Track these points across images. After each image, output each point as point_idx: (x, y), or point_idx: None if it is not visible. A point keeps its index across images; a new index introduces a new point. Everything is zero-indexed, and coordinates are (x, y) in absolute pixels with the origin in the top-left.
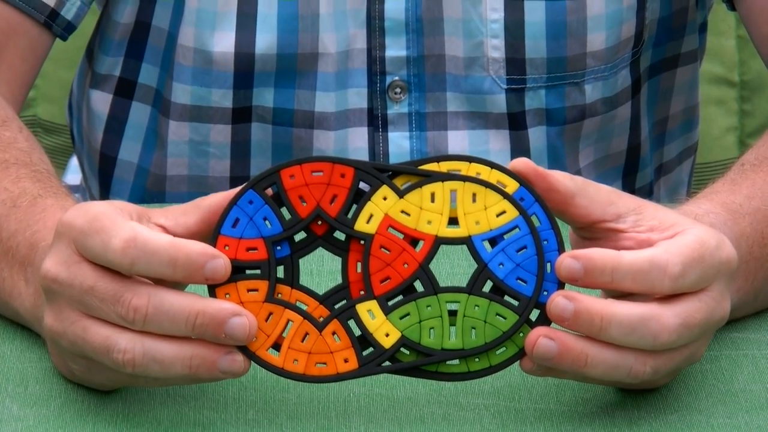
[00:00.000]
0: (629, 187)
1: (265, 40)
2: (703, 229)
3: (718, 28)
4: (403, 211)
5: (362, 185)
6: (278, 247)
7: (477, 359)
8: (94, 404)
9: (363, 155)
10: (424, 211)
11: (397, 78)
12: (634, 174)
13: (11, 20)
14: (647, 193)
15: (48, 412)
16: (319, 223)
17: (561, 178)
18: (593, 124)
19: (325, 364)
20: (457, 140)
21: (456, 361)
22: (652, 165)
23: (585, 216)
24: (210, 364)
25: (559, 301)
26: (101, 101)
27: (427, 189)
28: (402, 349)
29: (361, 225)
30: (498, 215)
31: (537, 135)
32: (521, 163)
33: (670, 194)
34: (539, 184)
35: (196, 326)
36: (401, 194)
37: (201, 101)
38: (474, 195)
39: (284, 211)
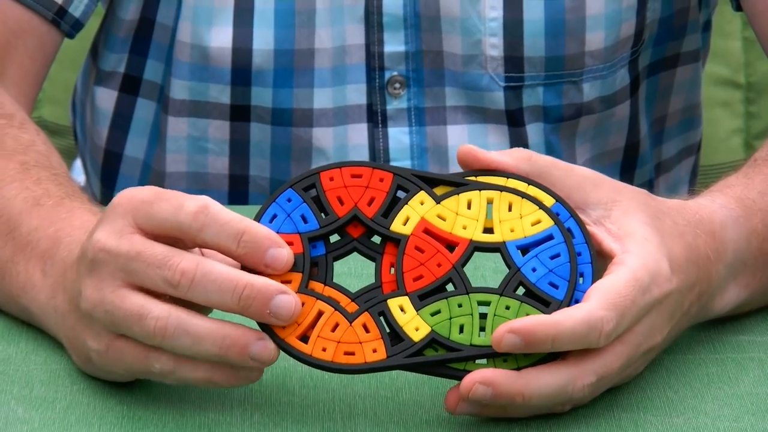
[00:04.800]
0: (628, 183)
1: (262, 36)
2: (641, 257)
3: (724, 30)
4: (439, 216)
5: (399, 194)
6: (314, 246)
7: (505, 360)
8: (100, 407)
9: (363, 152)
10: (460, 216)
11: (396, 73)
12: (632, 170)
13: (19, 18)
14: (647, 189)
15: (53, 415)
16: (356, 225)
17: (509, 158)
18: (590, 121)
19: (353, 353)
20: (457, 134)
21: (484, 361)
22: (651, 163)
23: None
24: (242, 347)
25: (477, 388)
26: (106, 98)
27: (464, 196)
28: (431, 347)
29: (397, 226)
30: (533, 224)
31: (534, 131)
32: (462, 151)
33: (669, 193)
34: (481, 166)
35: (242, 298)
36: (438, 200)
37: (199, 96)
38: (510, 204)
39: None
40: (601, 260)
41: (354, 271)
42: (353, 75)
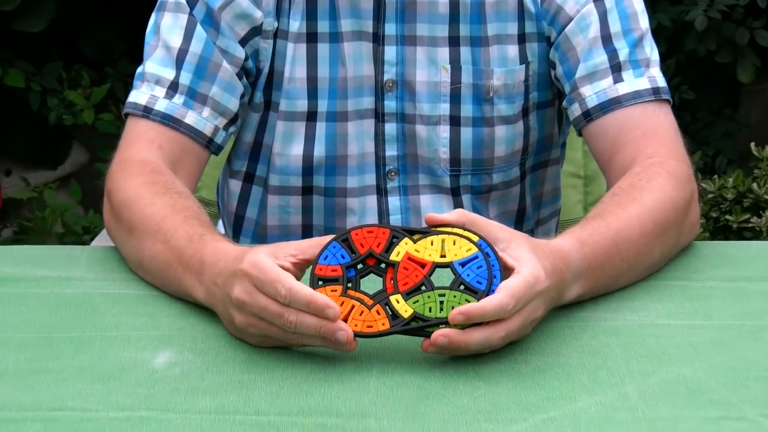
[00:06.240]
0: (518, 230)
1: (319, 148)
2: (530, 267)
3: (572, 145)
4: (416, 250)
5: (394, 240)
6: (349, 271)
7: (455, 325)
8: (232, 354)
9: (374, 211)
10: (427, 249)
11: (392, 167)
12: (521, 224)
13: (186, 143)
14: (530, 235)
15: (208, 359)
16: (371, 258)
17: (454, 216)
18: (497, 195)
19: (372, 326)
20: (426, 202)
21: (444, 325)
22: (533, 220)
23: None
24: (330, 332)
25: (440, 339)
26: (235, 185)
27: (429, 239)
28: (414, 321)
29: (393, 257)
30: (467, 251)
31: (466, 200)
32: (426, 218)
33: (544, 236)
34: (438, 223)
35: (321, 333)
36: (415, 241)
37: (284, 183)
38: (454, 241)
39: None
40: (506, 271)
41: (371, 283)
42: (368, 169)
